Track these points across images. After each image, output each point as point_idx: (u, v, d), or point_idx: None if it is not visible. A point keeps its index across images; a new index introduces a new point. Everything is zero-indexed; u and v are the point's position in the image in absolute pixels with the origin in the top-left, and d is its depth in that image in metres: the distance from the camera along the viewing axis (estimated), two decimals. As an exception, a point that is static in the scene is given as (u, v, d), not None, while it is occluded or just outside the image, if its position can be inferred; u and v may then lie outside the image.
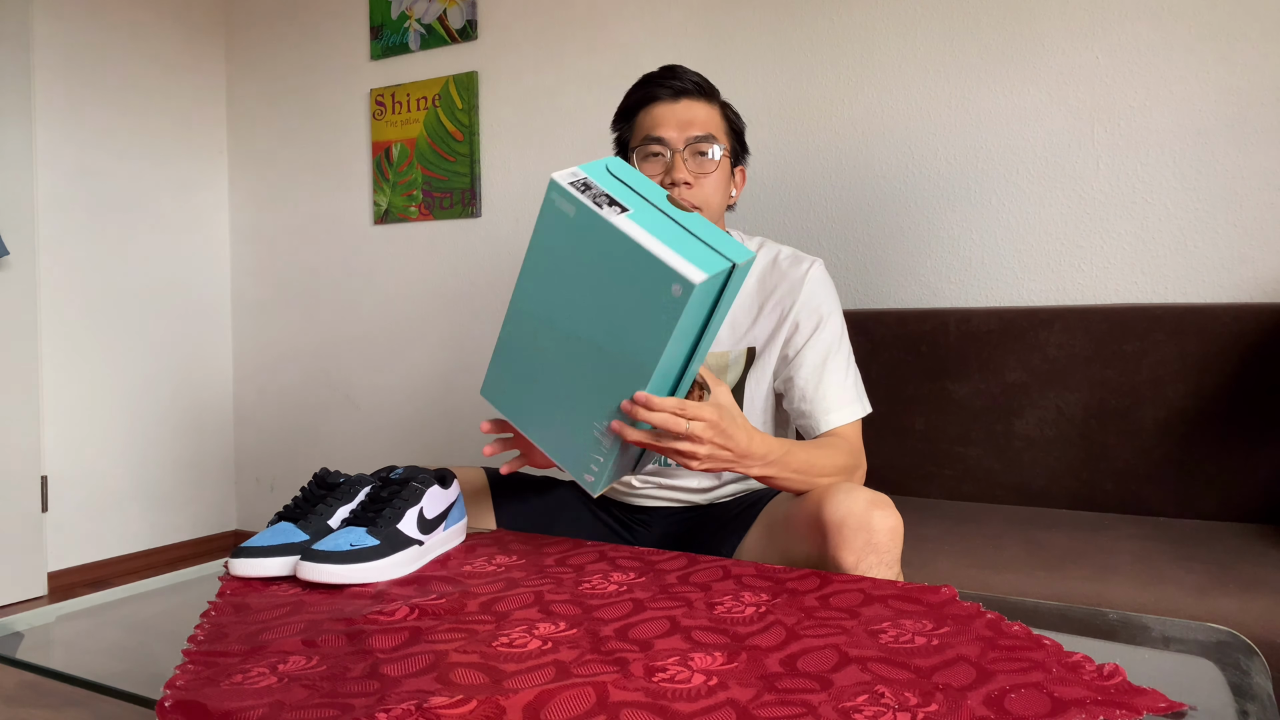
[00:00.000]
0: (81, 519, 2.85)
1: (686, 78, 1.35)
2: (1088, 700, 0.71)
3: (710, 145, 1.32)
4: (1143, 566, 1.35)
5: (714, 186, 1.33)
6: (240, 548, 1.09)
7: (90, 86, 2.86)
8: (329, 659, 0.82)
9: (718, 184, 1.34)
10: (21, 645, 0.94)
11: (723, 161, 1.34)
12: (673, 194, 1.28)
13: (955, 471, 1.86)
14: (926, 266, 2.08)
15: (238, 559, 1.08)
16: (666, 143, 1.32)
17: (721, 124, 1.36)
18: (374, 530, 1.10)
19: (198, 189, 3.17)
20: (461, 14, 2.71)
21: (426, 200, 2.80)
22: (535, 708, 0.71)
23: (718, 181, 1.34)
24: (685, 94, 1.34)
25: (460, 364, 2.78)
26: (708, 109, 1.35)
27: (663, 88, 1.34)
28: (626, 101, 1.39)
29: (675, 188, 1.31)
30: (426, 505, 1.15)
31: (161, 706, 0.73)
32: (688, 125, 1.32)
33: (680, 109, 1.33)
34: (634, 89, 1.39)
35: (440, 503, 1.19)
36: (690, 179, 1.31)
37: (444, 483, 1.21)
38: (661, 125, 1.33)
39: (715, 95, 1.38)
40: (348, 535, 1.09)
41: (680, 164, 1.31)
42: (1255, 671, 0.80)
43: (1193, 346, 1.69)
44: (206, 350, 3.20)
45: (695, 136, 1.32)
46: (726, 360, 1.39)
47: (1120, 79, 1.89)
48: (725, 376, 1.40)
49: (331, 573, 1.04)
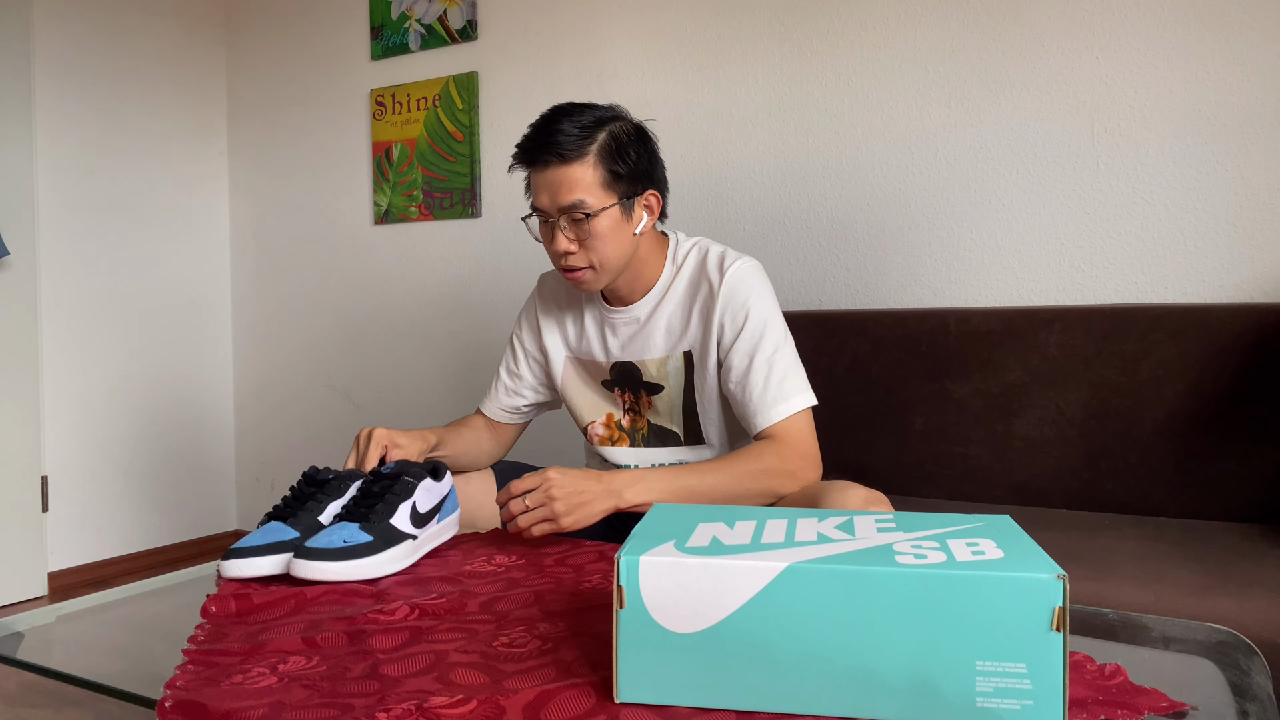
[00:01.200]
0: (82, 519, 2.85)
1: (549, 143, 1.29)
2: (1089, 700, 0.71)
3: (580, 210, 1.29)
4: (1143, 566, 1.35)
5: (603, 245, 1.31)
6: (232, 549, 1.08)
7: (91, 87, 2.86)
8: (329, 659, 0.82)
9: (609, 240, 1.32)
10: (22, 645, 0.94)
11: (603, 217, 1.30)
12: (561, 264, 1.34)
13: (955, 471, 1.86)
14: (926, 266, 2.08)
15: (230, 560, 1.07)
16: (543, 212, 1.33)
17: (595, 177, 1.30)
18: (367, 526, 1.09)
19: (198, 189, 3.17)
20: (461, 14, 2.71)
21: (427, 200, 2.80)
22: (535, 708, 0.71)
23: (608, 238, 1.31)
24: (549, 162, 1.30)
25: (460, 364, 2.78)
26: (578, 169, 1.29)
27: (528, 155, 1.32)
28: (514, 159, 1.38)
29: (562, 257, 1.32)
30: (419, 499, 1.15)
31: (162, 706, 0.73)
32: (556, 193, 1.30)
33: (550, 177, 1.30)
34: (516, 147, 1.36)
35: (433, 496, 1.18)
36: (571, 247, 1.31)
37: (436, 475, 1.21)
38: (537, 195, 1.33)
39: (586, 149, 1.30)
40: (340, 531, 1.08)
41: (559, 235, 1.31)
42: (1255, 671, 0.80)
43: (1193, 347, 1.69)
44: (206, 350, 3.20)
45: (565, 206, 1.29)
46: (667, 367, 1.41)
47: (1120, 79, 1.89)
48: (668, 382, 1.42)
49: (325, 570, 1.03)
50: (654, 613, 0.70)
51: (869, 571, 0.68)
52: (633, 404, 1.46)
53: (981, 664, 0.66)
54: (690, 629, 0.70)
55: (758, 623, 0.69)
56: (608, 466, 1.48)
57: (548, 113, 1.34)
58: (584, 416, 1.51)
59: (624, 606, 0.70)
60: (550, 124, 1.31)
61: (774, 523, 0.80)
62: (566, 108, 1.34)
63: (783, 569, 0.68)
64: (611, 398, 1.48)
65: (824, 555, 0.70)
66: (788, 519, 0.82)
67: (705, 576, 0.69)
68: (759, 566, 0.69)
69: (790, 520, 0.81)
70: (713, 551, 0.71)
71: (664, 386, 1.42)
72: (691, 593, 0.69)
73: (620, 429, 1.48)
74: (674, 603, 0.70)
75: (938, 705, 0.67)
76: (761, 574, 0.68)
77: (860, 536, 0.76)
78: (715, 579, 0.69)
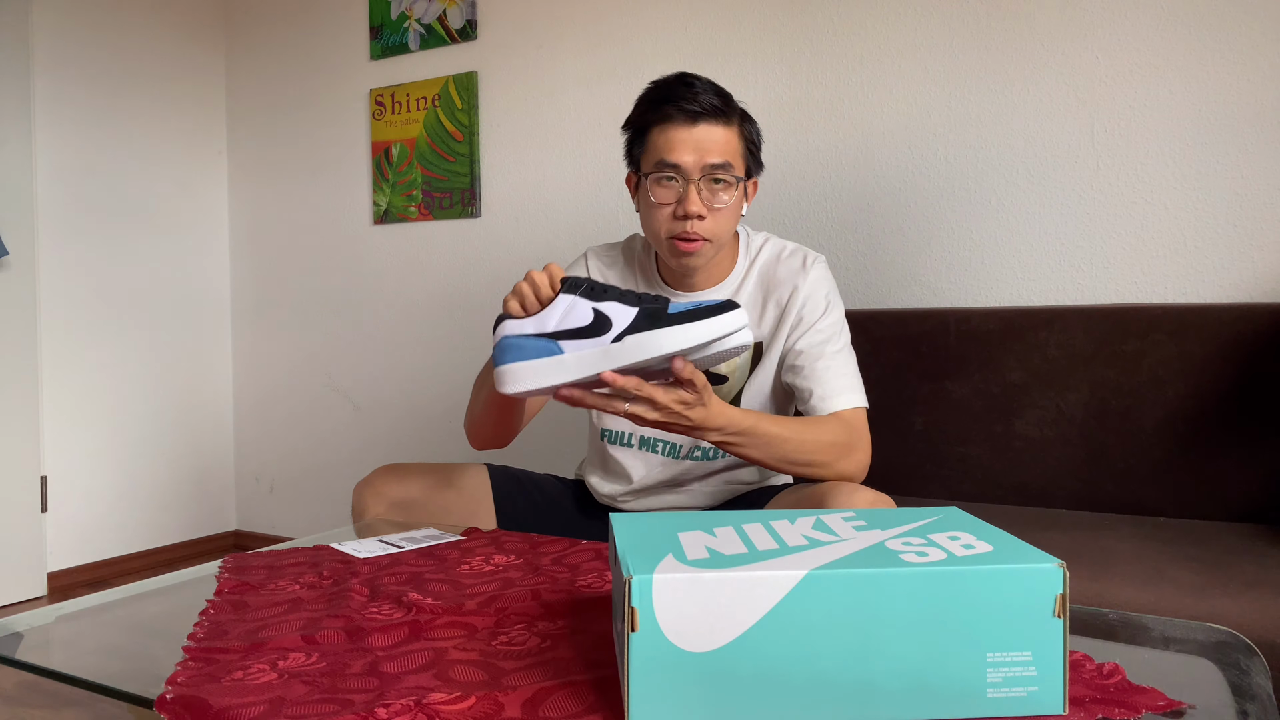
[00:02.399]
0: (81, 519, 2.85)
1: (704, 97, 1.26)
2: (1087, 699, 0.71)
3: (727, 174, 1.26)
4: (1142, 566, 1.35)
5: (727, 218, 1.29)
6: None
7: (90, 88, 2.86)
8: (328, 656, 0.82)
9: (731, 215, 1.29)
10: (21, 645, 0.94)
11: (739, 189, 1.29)
12: (685, 228, 1.26)
13: (955, 471, 1.86)
14: (926, 266, 2.08)
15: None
16: (682, 170, 1.26)
17: (740, 146, 1.29)
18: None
19: (197, 189, 3.17)
20: (461, 14, 2.71)
21: (426, 200, 2.80)
22: (534, 704, 0.71)
23: (732, 212, 1.29)
24: (702, 117, 1.25)
25: (459, 364, 2.78)
26: (726, 132, 1.27)
27: (678, 108, 1.26)
28: (639, 115, 1.32)
29: (688, 221, 1.26)
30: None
31: (162, 701, 0.73)
32: (704, 153, 1.25)
33: (698, 133, 1.25)
34: (647, 101, 1.30)
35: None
36: (704, 211, 1.26)
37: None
38: (676, 150, 1.26)
39: (734, 113, 1.30)
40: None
41: (694, 196, 1.25)
42: (1255, 671, 0.80)
43: (1193, 346, 1.69)
44: (206, 350, 3.21)
45: (712, 165, 1.25)
46: (737, 358, 1.38)
47: (1120, 78, 1.89)
48: (734, 374, 1.39)
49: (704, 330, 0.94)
50: (669, 633, 0.67)
51: (888, 573, 0.67)
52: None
53: (992, 655, 0.67)
54: (707, 647, 0.67)
55: (778, 633, 0.67)
56: (610, 462, 1.46)
57: (680, 74, 1.29)
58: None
59: (637, 629, 0.66)
60: (694, 81, 1.27)
61: (751, 527, 0.79)
62: (693, 75, 1.29)
63: (803, 576, 0.67)
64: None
65: (834, 559, 0.69)
66: (761, 522, 0.81)
67: (723, 591, 0.67)
68: (779, 576, 0.67)
69: (764, 523, 0.80)
70: (720, 564, 0.69)
71: (728, 378, 1.38)
72: (709, 609, 0.67)
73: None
74: (691, 621, 0.67)
75: (951, 700, 0.68)
76: (782, 583, 0.67)
77: (846, 537, 0.76)
78: (734, 592, 0.67)
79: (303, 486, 3.14)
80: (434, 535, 1.29)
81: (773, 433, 1.18)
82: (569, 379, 1.00)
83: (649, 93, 1.31)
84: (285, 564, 1.16)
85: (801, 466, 1.23)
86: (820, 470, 1.24)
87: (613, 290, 1.02)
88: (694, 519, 0.82)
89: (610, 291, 1.02)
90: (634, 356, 0.96)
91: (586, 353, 0.99)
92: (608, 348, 0.98)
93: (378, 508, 1.42)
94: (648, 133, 1.30)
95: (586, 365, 0.99)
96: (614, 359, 0.97)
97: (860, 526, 0.79)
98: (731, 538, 0.76)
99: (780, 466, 1.22)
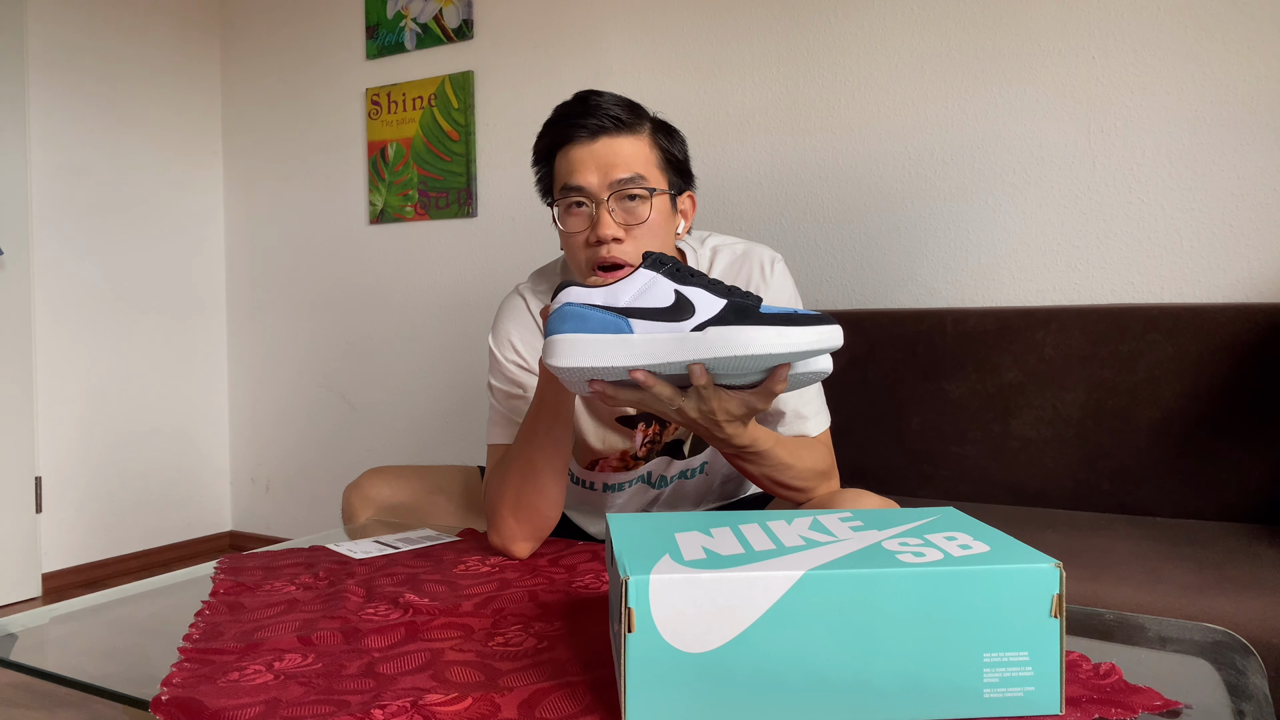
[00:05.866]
0: (75, 520, 2.84)
1: (603, 110, 1.14)
2: (1084, 699, 0.71)
3: (639, 187, 1.12)
4: (1139, 566, 1.35)
5: (650, 235, 1.13)
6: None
7: (85, 87, 2.85)
8: (325, 657, 0.82)
9: (655, 232, 1.14)
10: (15, 646, 0.94)
11: (658, 202, 1.14)
12: (601, 254, 1.12)
13: (952, 471, 1.86)
14: (923, 266, 2.08)
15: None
16: (587, 191, 1.13)
17: (652, 156, 1.16)
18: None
19: (192, 188, 3.16)
20: (457, 13, 2.70)
21: (422, 200, 2.80)
22: (531, 705, 0.71)
23: (655, 229, 1.14)
24: (603, 131, 1.13)
25: (456, 364, 2.78)
26: (634, 142, 1.14)
27: (577, 126, 1.14)
28: (540, 141, 1.21)
29: (603, 246, 1.12)
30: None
31: (158, 702, 0.73)
32: (609, 168, 1.12)
33: (598, 149, 1.13)
34: (546, 125, 1.19)
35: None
36: (619, 233, 1.12)
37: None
38: (578, 172, 1.13)
39: (642, 122, 1.17)
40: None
41: (606, 218, 1.12)
42: (1251, 671, 0.80)
43: (1189, 346, 1.69)
44: (201, 350, 3.20)
45: (620, 180, 1.12)
46: None
47: (1116, 79, 1.89)
48: None
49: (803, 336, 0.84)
50: (666, 634, 0.66)
51: (885, 573, 0.67)
52: (657, 434, 1.29)
53: (989, 655, 0.67)
54: (704, 647, 0.67)
55: (775, 633, 0.67)
56: (588, 489, 1.38)
57: (580, 93, 1.19)
58: (590, 449, 1.31)
59: (633, 630, 0.66)
60: (592, 97, 1.17)
61: (748, 528, 0.79)
62: (596, 91, 1.19)
63: (799, 577, 0.67)
64: (627, 432, 1.28)
65: (830, 560, 0.69)
66: (757, 522, 0.81)
67: (720, 591, 0.67)
68: (776, 576, 0.67)
69: (761, 524, 0.80)
70: (717, 564, 0.69)
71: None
72: (706, 609, 0.67)
73: (634, 458, 1.31)
74: (688, 621, 0.66)
75: (948, 700, 0.68)
76: (778, 583, 0.67)
77: (843, 537, 0.75)
78: (732, 592, 0.67)
79: (298, 487, 3.13)
80: (430, 536, 1.29)
81: (781, 459, 1.12)
82: (635, 363, 0.89)
83: (550, 117, 1.20)
84: (281, 565, 1.15)
85: (788, 490, 1.18)
86: (802, 495, 1.19)
87: (700, 276, 0.91)
88: (691, 520, 0.82)
89: (698, 277, 0.91)
90: (714, 351, 0.86)
91: (660, 336, 0.89)
92: (685, 335, 0.88)
93: (366, 512, 1.41)
94: (553, 159, 1.19)
95: (658, 351, 0.89)
96: (689, 349, 0.87)
97: (857, 527, 0.79)
98: (728, 538, 0.76)
99: (770, 486, 1.17)
